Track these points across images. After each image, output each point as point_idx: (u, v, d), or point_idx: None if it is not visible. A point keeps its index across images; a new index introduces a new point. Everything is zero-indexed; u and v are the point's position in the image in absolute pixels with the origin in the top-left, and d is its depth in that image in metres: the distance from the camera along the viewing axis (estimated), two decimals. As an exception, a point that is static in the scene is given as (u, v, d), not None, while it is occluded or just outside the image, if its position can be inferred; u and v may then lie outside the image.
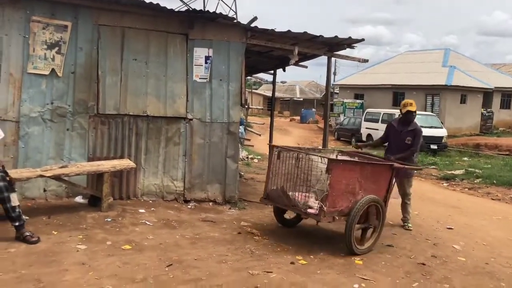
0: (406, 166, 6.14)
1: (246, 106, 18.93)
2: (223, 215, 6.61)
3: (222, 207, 7.02)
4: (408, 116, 6.68)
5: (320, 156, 5.42)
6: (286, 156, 5.63)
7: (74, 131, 6.39)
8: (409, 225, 6.81)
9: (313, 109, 44.20)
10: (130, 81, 6.60)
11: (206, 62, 6.93)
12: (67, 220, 5.55)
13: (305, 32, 7.22)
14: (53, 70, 6.18)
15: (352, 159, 6.19)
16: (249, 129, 17.29)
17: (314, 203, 5.27)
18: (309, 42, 7.80)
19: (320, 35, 7.35)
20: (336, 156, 6.45)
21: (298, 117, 41.86)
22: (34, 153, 6.19)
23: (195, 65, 6.90)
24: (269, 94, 44.83)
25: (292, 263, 4.84)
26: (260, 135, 16.54)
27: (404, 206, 6.88)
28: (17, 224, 4.72)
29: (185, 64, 6.86)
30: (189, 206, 6.85)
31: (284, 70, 10.56)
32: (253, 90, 42.14)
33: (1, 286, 3.73)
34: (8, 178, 4.74)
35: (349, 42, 7.85)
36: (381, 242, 5.93)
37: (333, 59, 8.54)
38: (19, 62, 6.05)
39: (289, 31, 7.13)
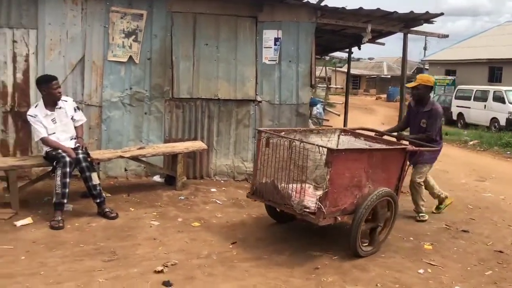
0: (421, 148, 5.29)
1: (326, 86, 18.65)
2: (292, 195, 6.67)
3: (292, 188, 7.08)
4: (413, 94, 5.87)
5: (317, 145, 4.48)
6: (277, 142, 4.70)
7: (151, 114, 6.76)
8: (422, 214, 5.86)
9: (401, 87, 42.24)
10: (202, 65, 6.83)
11: (275, 44, 6.95)
12: (144, 198, 5.94)
13: (377, 9, 6.98)
14: (130, 57, 6.56)
15: (356, 147, 5.29)
16: (328, 109, 17.06)
17: (311, 202, 4.38)
18: (383, 19, 7.50)
19: (394, 11, 7.02)
20: (339, 136, 5.71)
21: (385, 95, 40.36)
22: (116, 135, 6.66)
23: (264, 47, 6.94)
24: (355, 72, 43.69)
25: (355, 245, 4.79)
26: (339, 115, 16.24)
27: (412, 195, 5.93)
28: (98, 201, 5.16)
29: (255, 47, 6.93)
30: (259, 187, 7.00)
31: (359, 48, 10.27)
32: (337, 68, 41.25)
33: (82, 256, 4.13)
34: (89, 159, 5.17)
35: (427, 17, 7.42)
36: (456, 227, 5.67)
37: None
38: (100, 50, 6.50)
39: (360, 8, 6.91)
